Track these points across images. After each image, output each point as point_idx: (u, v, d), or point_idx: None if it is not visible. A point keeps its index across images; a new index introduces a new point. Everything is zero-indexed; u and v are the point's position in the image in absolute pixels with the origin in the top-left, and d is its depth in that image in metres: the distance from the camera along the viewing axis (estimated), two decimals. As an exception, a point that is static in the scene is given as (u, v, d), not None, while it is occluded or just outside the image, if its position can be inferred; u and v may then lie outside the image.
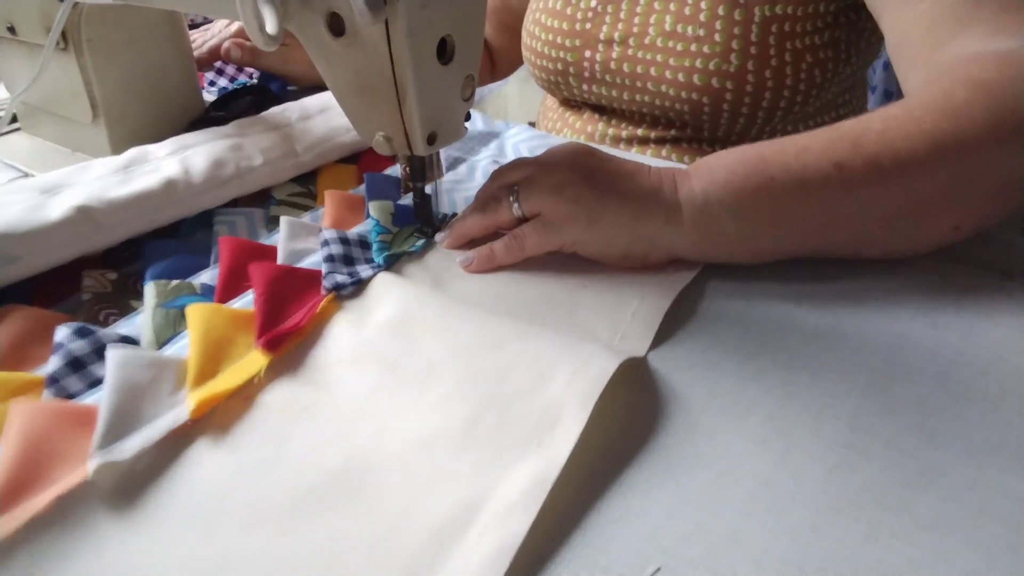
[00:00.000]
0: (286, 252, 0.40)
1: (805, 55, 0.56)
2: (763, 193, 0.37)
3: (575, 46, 0.63)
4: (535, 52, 0.67)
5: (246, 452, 0.28)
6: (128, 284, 0.39)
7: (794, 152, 0.37)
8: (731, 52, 0.55)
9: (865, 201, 0.37)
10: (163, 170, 0.43)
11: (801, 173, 0.36)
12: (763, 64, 0.56)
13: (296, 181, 0.50)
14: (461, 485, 0.26)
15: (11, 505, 0.25)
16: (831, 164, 0.36)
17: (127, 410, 0.28)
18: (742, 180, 0.37)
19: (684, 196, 0.38)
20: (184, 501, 0.26)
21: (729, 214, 0.37)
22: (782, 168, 0.37)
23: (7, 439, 0.27)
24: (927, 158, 0.35)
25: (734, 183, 0.37)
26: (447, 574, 0.23)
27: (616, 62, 0.61)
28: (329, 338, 0.34)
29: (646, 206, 0.38)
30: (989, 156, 0.36)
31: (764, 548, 0.25)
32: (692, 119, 0.60)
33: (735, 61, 0.55)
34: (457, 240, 0.42)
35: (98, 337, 0.33)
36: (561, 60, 0.65)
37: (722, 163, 0.39)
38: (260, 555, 0.24)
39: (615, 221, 0.38)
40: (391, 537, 0.25)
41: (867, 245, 0.39)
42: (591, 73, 0.63)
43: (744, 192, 0.37)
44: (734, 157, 0.39)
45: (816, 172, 0.36)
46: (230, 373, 0.31)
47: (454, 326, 0.34)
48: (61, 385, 0.30)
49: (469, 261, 0.40)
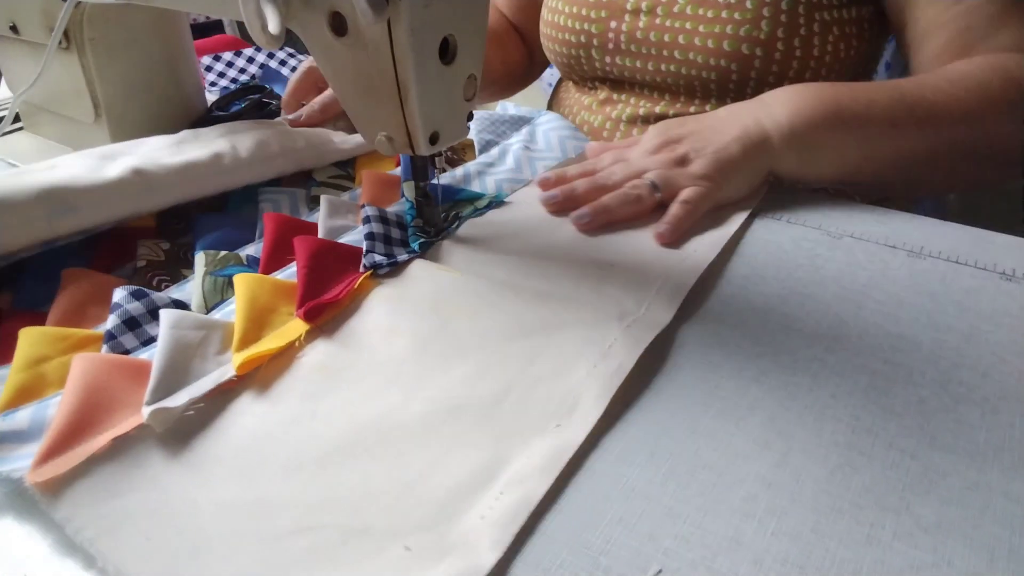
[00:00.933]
0: (326, 228, 0.43)
1: (832, 27, 0.57)
2: (834, 123, 0.47)
3: (600, 17, 0.63)
4: (557, 27, 0.68)
5: (284, 407, 0.30)
6: (180, 254, 0.42)
7: (862, 91, 0.48)
8: (762, 19, 0.56)
9: (912, 140, 0.47)
10: (213, 146, 0.46)
11: (867, 107, 0.47)
12: (792, 33, 0.56)
13: (336, 164, 0.53)
14: (482, 450, 0.28)
15: (72, 444, 0.27)
16: (896, 102, 0.47)
17: (178, 365, 0.31)
18: (817, 108, 0.47)
19: (771, 126, 0.47)
20: (228, 448, 0.28)
21: (806, 141, 0.47)
22: (851, 100, 0.47)
23: (70, 386, 0.29)
24: (964, 117, 0.48)
25: (808, 110, 0.47)
26: (467, 526, 0.25)
27: (643, 31, 0.61)
28: (365, 311, 0.36)
29: (751, 146, 0.47)
30: (1007, 129, 0.48)
31: (765, 549, 0.25)
32: (718, 88, 0.60)
33: (765, 28, 0.56)
34: (598, 225, 0.45)
35: (152, 300, 0.35)
36: (585, 32, 0.65)
37: (793, 97, 0.48)
38: (294, 499, 0.26)
39: (737, 174, 0.47)
40: (414, 489, 0.27)
41: (913, 181, 0.51)
42: (615, 44, 0.63)
43: (817, 121, 0.46)
44: (806, 93, 0.48)
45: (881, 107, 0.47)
46: (272, 338, 0.33)
47: (484, 312, 0.36)
48: (118, 341, 0.33)
49: (586, 218, 0.44)
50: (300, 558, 0.24)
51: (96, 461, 0.27)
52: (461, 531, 0.25)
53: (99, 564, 0.24)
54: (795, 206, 0.48)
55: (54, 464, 0.26)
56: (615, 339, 0.34)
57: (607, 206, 0.45)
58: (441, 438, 0.29)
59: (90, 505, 0.25)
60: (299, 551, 0.24)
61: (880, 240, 0.44)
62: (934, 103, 0.47)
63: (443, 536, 0.25)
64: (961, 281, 0.39)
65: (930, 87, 0.49)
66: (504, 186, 0.50)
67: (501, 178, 0.51)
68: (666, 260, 0.41)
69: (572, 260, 0.41)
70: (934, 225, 0.46)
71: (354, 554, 0.24)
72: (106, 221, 0.40)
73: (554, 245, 0.43)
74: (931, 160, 0.49)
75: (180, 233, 0.44)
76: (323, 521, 0.25)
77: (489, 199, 0.47)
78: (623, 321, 0.35)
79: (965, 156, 0.50)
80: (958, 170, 0.51)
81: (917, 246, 0.43)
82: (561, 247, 0.43)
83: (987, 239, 0.44)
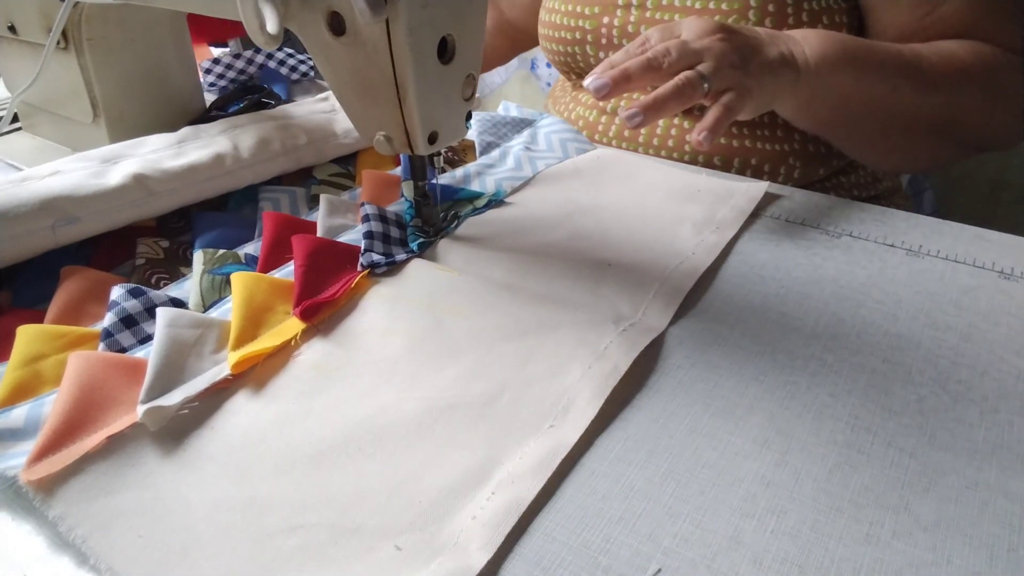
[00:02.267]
0: (324, 227, 0.43)
1: (821, 17, 0.57)
2: (850, 68, 0.49)
3: (593, 13, 0.64)
4: (553, 26, 0.68)
5: (279, 406, 0.30)
6: (179, 252, 0.42)
7: (874, 49, 0.51)
8: (749, 9, 0.56)
9: (911, 98, 0.51)
10: (214, 145, 0.46)
11: (882, 60, 0.51)
12: (780, 24, 0.56)
13: (336, 162, 0.53)
14: (475, 451, 0.28)
15: (67, 442, 0.27)
16: (903, 61, 0.51)
17: (174, 364, 0.31)
18: (839, 56, 0.49)
19: (800, 59, 0.48)
20: (221, 447, 0.28)
21: (824, 81, 0.49)
22: (868, 53, 0.51)
23: (65, 384, 0.29)
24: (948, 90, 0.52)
25: (832, 56, 0.49)
26: (458, 526, 0.25)
27: (634, 25, 0.61)
28: (362, 310, 0.36)
29: (787, 68, 0.48)
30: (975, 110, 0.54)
31: (764, 548, 0.24)
32: None
33: (753, 19, 0.56)
34: (649, 120, 0.43)
35: (149, 298, 0.35)
36: (579, 29, 0.65)
37: (821, 39, 0.50)
38: (286, 498, 0.26)
39: (768, 90, 0.47)
40: (406, 489, 0.27)
41: (890, 143, 0.55)
42: (608, 39, 0.63)
43: (838, 65, 0.49)
44: (832, 39, 0.50)
45: (891, 64, 0.51)
46: (268, 336, 0.33)
47: (480, 312, 0.36)
48: (115, 339, 0.33)
49: (638, 117, 0.43)
50: (291, 557, 0.24)
51: (90, 459, 0.27)
52: (452, 531, 0.25)
53: (91, 562, 0.24)
54: (793, 205, 0.48)
55: (48, 462, 0.26)
56: (610, 341, 0.34)
57: (658, 102, 0.43)
58: (434, 438, 0.29)
59: (83, 503, 0.25)
60: (290, 550, 0.24)
61: (879, 239, 0.44)
62: (928, 71, 0.52)
63: (434, 536, 0.25)
64: (959, 280, 0.39)
65: (926, 57, 0.52)
66: (504, 184, 0.50)
67: (500, 177, 0.51)
68: (664, 261, 0.41)
69: (570, 260, 0.41)
70: (932, 224, 0.46)
71: (345, 553, 0.24)
72: (109, 228, 0.41)
73: (552, 244, 0.43)
74: (913, 123, 0.53)
75: (180, 231, 0.44)
76: (314, 520, 0.25)
77: (488, 198, 0.47)
78: (619, 325, 0.35)
79: (938, 128, 0.54)
80: (926, 142, 0.56)
81: (916, 245, 0.43)
82: (559, 246, 0.43)
83: (985, 238, 0.44)
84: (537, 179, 0.51)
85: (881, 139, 0.56)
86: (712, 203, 0.47)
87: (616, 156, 0.55)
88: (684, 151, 0.62)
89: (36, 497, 0.25)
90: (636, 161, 0.54)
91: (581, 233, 0.44)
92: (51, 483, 0.26)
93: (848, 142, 0.56)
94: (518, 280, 0.39)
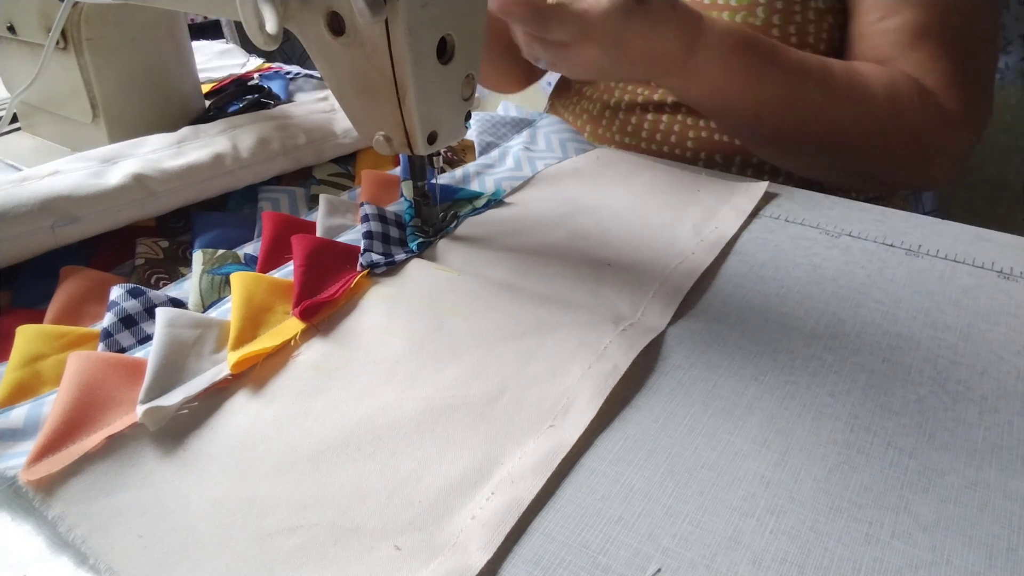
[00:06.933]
0: (324, 227, 0.43)
1: (827, 15, 0.58)
2: (764, 59, 0.50)
3: None
4: None
5: (278, 406, 0.30)
6: (178, 252, 0.42)
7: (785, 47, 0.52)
8: (758, 6, 0.56)
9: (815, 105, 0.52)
10: (213, 145, 0.46)
11: (799, 63, 0.51)
12: (788, 19, 0.57)
13: (336, 162, 0.53)
14: (474, 451, 0.28)
15: (66, 442, 0.27)
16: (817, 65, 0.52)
17: (173, 364, 0.31)
18: (739, 41, 0.50)
19: (708, 28, 0.48)
20: (221, 447, 0.28)
21: (728, 65, 0.49)
22: (783, 51, 0.51)
23: (64, 384, 0.29)
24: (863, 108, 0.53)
25: (733, 38, 0.49)
26: (457, 526, 0.25)
27: None
28: (361, 310, 0.36)
29: (691, 24, 0.48)
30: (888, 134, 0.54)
31: (764, 548, 0.25)
32: None
33: (761, 15, 0.57)
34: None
35: (149, 298, 0.35)
36: None
37: (731, 24, 0.50)
38: (285, 498, 0.26)
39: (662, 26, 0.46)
40: (406, 489, 0.27)
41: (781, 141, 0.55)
42: None
43: (749, 52, 0.50)
44: (741, 27, 0.51)
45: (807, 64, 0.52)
46: (267, 336, 0.33)
47: (480, 312, 0.36)
48: (114, 339, 0.33)
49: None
50: (291, 557, 0.24)
51: (89, 459, 0.27)
52: (452, 531, 0.25)
53: (91, 562, 0.24)
54: (793, 205, 0.48)
55: (48, 462, 0.26)
56: (610, 342, 0.34)
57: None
58: (434, 438, 0.29)
59: (83, 503, 0.25)
60: (290, 550, 0.24)
61: (878, 239, 0.44)
62: (830, 86, 0.52)
63: (433, 536, 0.25)
64: (959, 280, 0.39)
65: (837, 68, 0.53)
66: (503, 184, 0.50)
67: (500, 177, 0.51)
68: (664, 261, 0.41)
69: (569, 260, 0.41)
70: (932, 224, 0.46)
71: (344, 553, 0.24)
72: (108, 228, 0.41)
73: (552, 244, 0.43)
74: (802, 125, 0.53)
75: (179, 231, 0.44)
76: (314, 520, 0.25)
77: (488, 198, 0.47)
78: (619, 325, 0.35)
79: (825, 146, 0.54)
80: (817, 157, 0.56)
81: (915, 245, 0.43)
82: (559, 246, 0.43)
83: (985, 237, 0.44)
84: (536, 179, 0.51)
85: (775, 138, 0.55)
86: (712, 203, 0.47)
87: (616, 156, 0.55)
88: (685, 150, 0.62)
89: (36, 497, 0.25)
90: (636, 161, 0.54)
91: (581, 233, 0.44)
92: (51, 483, 0.26)
93: (740, 133, 0.57)
94: (518, 280, 0.39)
